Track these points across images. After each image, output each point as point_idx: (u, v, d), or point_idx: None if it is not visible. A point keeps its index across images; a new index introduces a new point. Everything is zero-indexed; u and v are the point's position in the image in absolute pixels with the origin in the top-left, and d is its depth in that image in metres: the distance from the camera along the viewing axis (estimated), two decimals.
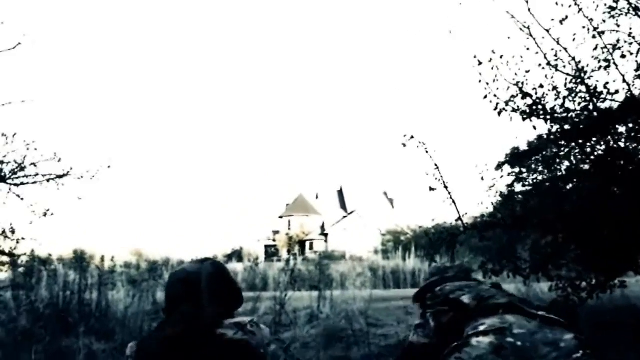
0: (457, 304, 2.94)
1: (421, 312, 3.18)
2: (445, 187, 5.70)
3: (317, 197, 71.35)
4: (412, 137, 5.39)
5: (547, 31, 5.47)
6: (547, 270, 5.76)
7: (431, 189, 5.55)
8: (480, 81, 5.54)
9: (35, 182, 8.35)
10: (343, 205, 70.33)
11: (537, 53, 5.49)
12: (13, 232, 8.27)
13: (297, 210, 67.56)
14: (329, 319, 6.26)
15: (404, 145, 5.47)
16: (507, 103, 5.50)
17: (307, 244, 63.09)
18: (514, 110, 5.50)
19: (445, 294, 3.10)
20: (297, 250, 59.59)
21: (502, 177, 6.48)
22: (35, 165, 8.19)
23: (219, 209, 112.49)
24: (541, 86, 5.44)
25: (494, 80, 5.50)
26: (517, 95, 5.43)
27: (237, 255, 59.17)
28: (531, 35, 5.50)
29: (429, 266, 15.27)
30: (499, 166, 6.76)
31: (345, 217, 66.13)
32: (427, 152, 5.43)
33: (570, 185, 5.87)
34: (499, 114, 5.62)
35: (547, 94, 5.40)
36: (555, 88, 5.40)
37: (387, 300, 8.53)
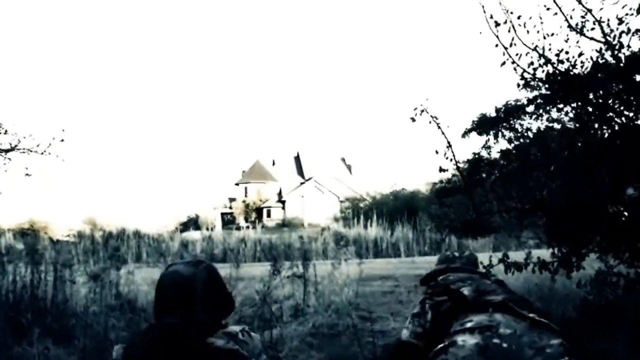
0: (457, 295, 3.02)
1: (420, 299, 3.28)
2: (458, 167, 5.10)
3: (273, 164, 70.56)
4: (424, 111, 4.74)
5: None
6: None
7: (441, 169, 4.95)
8: (497, 45, 4.88)
9: None
10: (300, 172, 69.78)
11: (555, 14, 4.88)
12: None
13: (254, 177, 66.73)
14: (316, 313, 5.63)
15: (413, 119, 4.85)
16: (525, 72, 4.86)
17: (265, 212, 62.51)
18: (540, 80, 4.87)
19: (447, 284, 3.21)
20: (254, 218, 59.07)
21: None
22: None
23: (174, 176, 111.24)
24: (566, 52, 4.82)
25: (510, 45, 4.85)
26: (540, 63, 4.81)
27: (194, 223, 58.36)
28: None
29: (391, 235, 15.49)
30: (465, 133, 6.32)
31: (302, 183, 65.62)
32: (439, 127, 4.79)
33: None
34: (526, 85, 5.00)
35: (573, 62, 4.79)
36: (581, 54, 4.79)
37: (369, 281, 7.92)
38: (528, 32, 4.89)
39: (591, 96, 4.87)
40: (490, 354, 2.44)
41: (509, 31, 4.86)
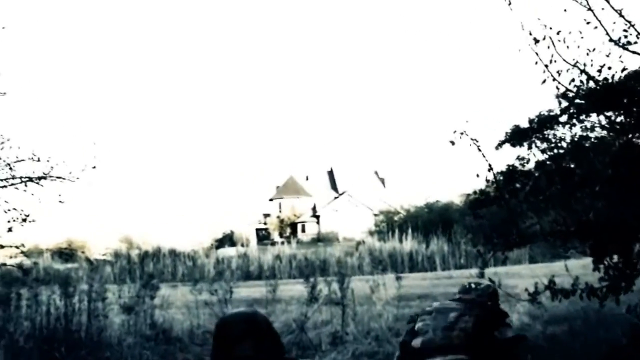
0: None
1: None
2: (495, 179, 4.91)
3: (307, 179, 70.47)
4: (464, 133, 4.56)
5: (607, 1, 4.66)
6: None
7: (482, 195, 4.77)
8: (536, 63, 4.68)
9: (12, 185, 7.51)
10: (334, 186, 69.56)
11: (596, 28, 4.66)
12: None
13: (288, 192, 66.72)
14: (356, 340, 5.44)
15: (453, 143, 4.68)
16: (568, 90, 4.65)
17: (299, 227, 62.39)
18: (582, 97, 4.65)
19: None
20: (289, 233, 59.03)
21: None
22: (11, 168, 7.33)
23: (208, 193, 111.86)
24: (609, 68, 4.60)
25: (550, 62, 4.65)
26: (581, 79, 4.60)
27: (229, 239, 58.49)
28: (588, 6, 4.66)
29: (426, 248, 15.36)
30: (499, 145, 6.15)
31: (336, 198, 65.38)
32: (479, 150, 4.60)
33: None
34: (570, 103, 4.79)
35: (617, 77, 4.56)
36: (624, 70, 4.56)
37: (407, 301, 7.69)
38: (568, 47, 4.68)
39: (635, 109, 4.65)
40: None
41: (548, 47, 4.66)
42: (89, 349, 5.45)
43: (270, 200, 68.16)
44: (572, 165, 4.72)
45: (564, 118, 5.69)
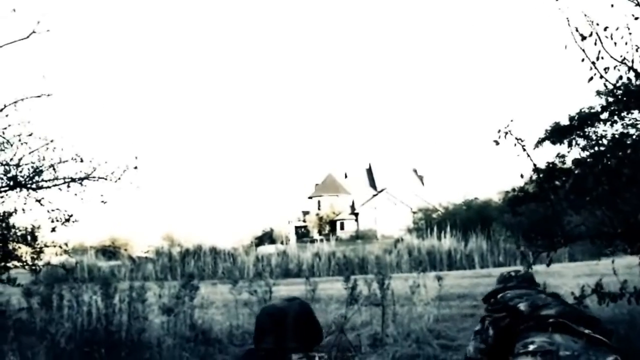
0: (514, 310, 3.13)
1: (481, 317, 3.35)
2: (538, 175, 4.80)
3: (346, 176, 70.42)
4: (508, 133, 4.46)
5: None
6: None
7: (521, 193, 4.67)
8: (583, 60, 4.54)
9: (55, 186, 7.63)
10: (372, 184, 69.39)
11: None
12: (34, 238, 7.54)
13: (327, 190, 66.78)
14: (396, 343, 5.36)
15: (497, 142, 4.59)
16: (616, 88, 4.50)
17: (338, 224, 62.39)
18: (629, 94, 4.50)
19: (505, 301, 3.27)
20: (328, 231, 59.05)
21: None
22: (55, 169, 7.45)
23: (249, 191, 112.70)
24: None
25: (597, 59, 4.49)
26: (629, 76, 4.44)
27: (269, 237, 58.78)
28: (636, 1, 4.50)
29: (465, 246, 15.23)
30: (539, 142, 6.03)
31: (375, 195, 65.21)
32: (524, 150, 4.49)
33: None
34: (616, 100, 4.65)
35: None
36: None
37: (447, 301, 7.55)
38: (615, 44, 4.52)
39: None
40: None
41: (595, 44, 4.50)
42: (129, 350, 5.49)
43: (310, 198, 68.32)
44: (617, 164, 4.56)
45: (605, 115, 5.57)
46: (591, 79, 4.64)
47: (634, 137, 5.41)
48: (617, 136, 5.44)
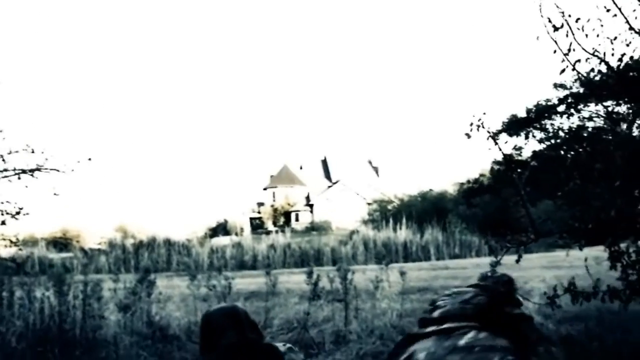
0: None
1: None
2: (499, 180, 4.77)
3: (301, 168, 70.28)
4: (480, 126, 4.38)
5: None
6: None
7: (476, 184, 4.62)
8: (555, 52, 4.48)
9: (5, 177, 7.30)
10: (327, 175, 69.42)
11: (615, 15, 4.47)
12: None
13: (281, 181, 66.51)
14: (360, 339, 5.26)
15: (468, 135, 4.51)
16: (589, 80, 4.47)
17: (293, 215, 62.26)
18: (607, 89, 4.47)
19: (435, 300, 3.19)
20: (283, 222, 58.89)
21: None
22: (4, 160, 7.12)
23: (202, 182, 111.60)
24: (631, 58, 4.41)
25: (569, 50, 4.44)
26: (600, 69, 4.41)
27: (223, 228, 58.33)
28: None
29: (420, 238, 15.42)
30: (496, 134, 6.01)
31: (329, 186, 65.26)
32: (496, 144, 4.43)
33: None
34: (594, 93, 4.62)
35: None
36: None
37: (407, 294, 7.47)
38: (587, 36, 4.49)
39: None
40: None
41: (567, 35, 4.46)
42: (83, 349, 5.25)
43: (264, 189, 67.96)
44: (588, 158, 4.54)
45: (562, 108, 5.59)
46: (563, 70, 4.60)
47: (590, 130, 5.44)
48: (574, 129, 5.46)
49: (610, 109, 5.58)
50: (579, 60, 4.53)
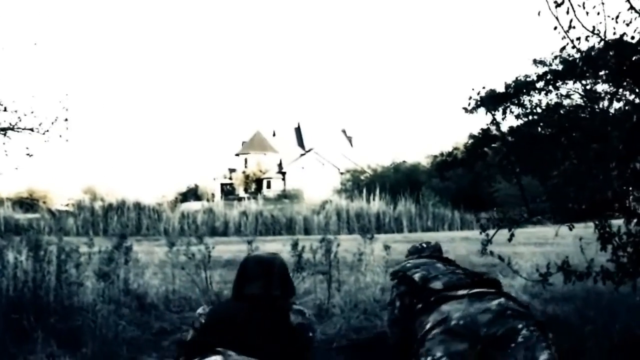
0: (410, 281, 3.53)
1: (391, 290, 3.81)
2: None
3: (274, 135, 69.89)
4: (480, 102, 4.25)
5: None
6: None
7: (452, 160, 4.64)
8: (555, 28, 4.35)
9: None
10: (301, 143, 69.17)
11: None
12: None
13: (254, 147, 66.09)
14: (343, 314, 5.15)
15: (466, 110, 4.41)
16: (588, 57, 4.35)
17: (265, 183, 62.03)
18: (603, 67, 4.36)
19: (404, 270, 3.68)
20: (254, 189, 58.67)
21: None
22: None
23: (173, 146, 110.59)
24: (632, 38, 4.29)
25: (569, 28, 4.32)
26: (600, 47, 4.30)
27: (193, 193, 57.95)
28: None
29: (393, 210, 15.59)
30: (474, 108, 6.02)
31: (302, 155, 65.07)
32: (494, 119, 4.33)
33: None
34: (591, 71, 4.50)
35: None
36: None
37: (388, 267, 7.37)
38: (588, 13, 4.37)
39: None
40: (456, 334, 2.87)
41: (567, 12, 4.33)
42: (59, 317, 5.08)
43: (236, 155, 67.51)
44: (584, 137, 4.46)
45: (540, 84, 5.57)
46: (563, 48, 4.49)
47: (568, 107, 5.42)
48: (551, 105, 5.44)
49: (588, 87, 5.57)
50: (578, 38, 4.42)
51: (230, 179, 64.81)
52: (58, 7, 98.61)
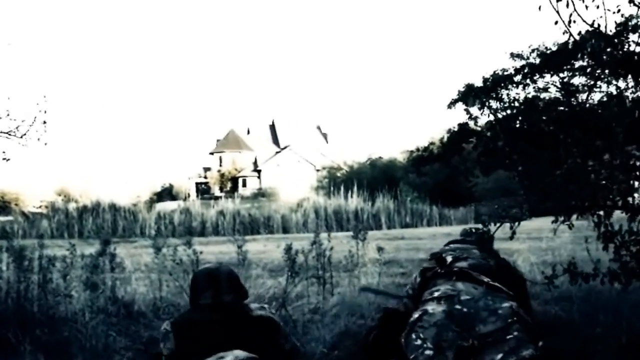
0: (441, 260, 3.78)
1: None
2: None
3: (248, 132, 69.53)
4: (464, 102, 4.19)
5: None
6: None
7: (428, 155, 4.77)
8: (556, 23, 4.26)
9: None
10: (276, 141, 68.95)
11: None
12: None
13: (229, 146, 65.67)
14: (338, 318, 5.01)
15: (450, 106, 4.39)
16: (588, 53, 4.28)
17: (240, 181, 61.72)
18: (603, 64, 4.29)
19: (441, 252, 3.92)
20: (230, 188, 58.36)
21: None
22: None
23: (146, 145, 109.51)
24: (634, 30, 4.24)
25: (569, 22, 4.22)
26: (600, 43, 4.23)
27: (168, 193, 57.46)
28: None
29: (372, 206, 15.65)
30: (452, 103, 6.03)
31: (278, 152, 64.86)
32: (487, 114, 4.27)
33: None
34: (598, 66, 4.43)
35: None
36: None
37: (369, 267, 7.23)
38: (587, 7, 4.28)
39: None
40: (454, 318, 3.03)
41: (567, 6, 4.24)
42: (45, 328, 4.86)
43: (211, 154, 67.07)
44: (587, 134, 4.39)
45: (518, 78, 5.57)
46: (566, 42, 4.42)
47: (546, 100, 5.43)
48: (528, 99, 5.45)
49: (565, 80, 5.59)
50: (579, 33, 4.35)
51: (205, 177, 64.39)
52: (33, 7, 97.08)
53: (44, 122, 6.51)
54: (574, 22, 4.24)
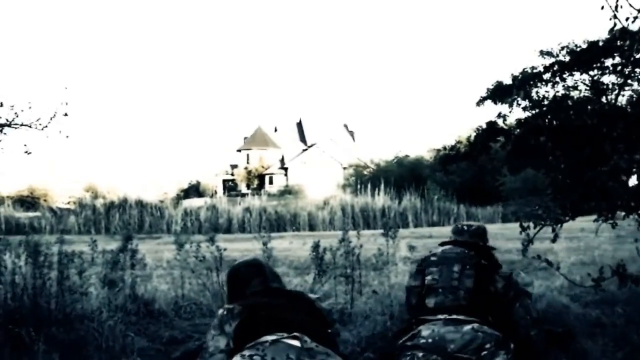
0: (423, 280, 3.63)
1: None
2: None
3: (275, 130, 69.43)
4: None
5: None
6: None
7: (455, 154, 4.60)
8: (602, 8, 3.95)
9: None
10: (302, 138, 68.72)
11: None
12: None
13: (256, 143, 65.66)
14: (368, 319, 4.76)
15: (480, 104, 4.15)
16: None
17: (267, 178, 61.68)
18: None
19: (424, 264, 3.75)
20: (256, 185, 58.36)
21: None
22: None
23: (174, 142, 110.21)
24: None
25: (616, 7, 3.91)
26: None
27: (195, 190, 57.69)
28: None
29: (399, 204, 15.38)
30: (481, 101, 5.83)
31: (305, 150, 64.66)
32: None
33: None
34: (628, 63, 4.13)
35: None
36: None
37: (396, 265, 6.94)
38: None
39: None
40: (424, 349, 3.06)
41: None
42: (61, 326, 4.67)
43: (238, 151, 67.13)
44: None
45: (547, 76, 5.38)
46: (612, 29, 4.10)
47: (575, 99, 5.23)
48: (558, 97, 5.24)
49: (595, 78, 5.35)
50: (627, 19, 4.05)
51: (232, 175, 64.47)
52: (59, 1, 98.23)
53: (65, 114, 6.36)
54: (621, 7, 3.94)
